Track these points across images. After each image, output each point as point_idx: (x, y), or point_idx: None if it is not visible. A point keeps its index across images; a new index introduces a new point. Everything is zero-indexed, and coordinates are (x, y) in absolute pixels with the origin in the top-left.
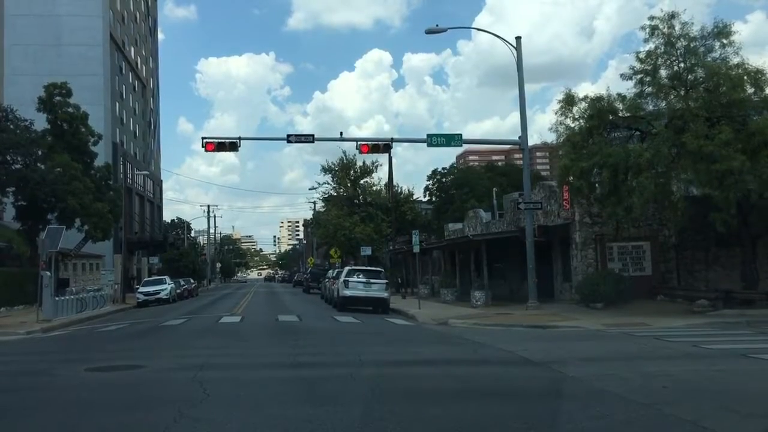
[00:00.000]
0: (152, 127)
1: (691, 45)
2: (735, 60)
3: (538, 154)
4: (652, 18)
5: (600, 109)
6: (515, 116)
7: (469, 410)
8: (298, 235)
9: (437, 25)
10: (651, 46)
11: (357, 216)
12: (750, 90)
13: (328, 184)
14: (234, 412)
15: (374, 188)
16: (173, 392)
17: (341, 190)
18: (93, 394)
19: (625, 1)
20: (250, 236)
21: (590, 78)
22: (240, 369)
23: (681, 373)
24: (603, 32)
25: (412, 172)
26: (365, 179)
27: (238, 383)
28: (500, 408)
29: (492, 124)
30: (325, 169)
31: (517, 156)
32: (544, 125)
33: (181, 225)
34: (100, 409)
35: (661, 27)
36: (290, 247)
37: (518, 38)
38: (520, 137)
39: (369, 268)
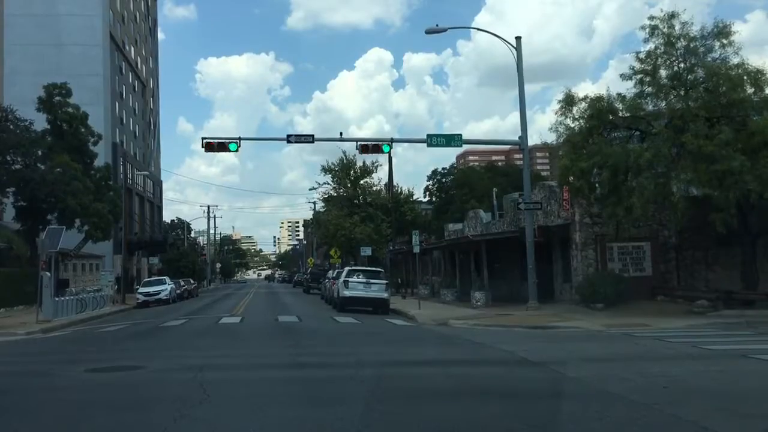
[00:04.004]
0: (152, 127)
1: (691, 45)
2: (735, 60)
3: (538, 154)
4: (652, 18)
5: (600, 109)
6: (515, 116)
7: (469, 410)
8: (298, 235)
9: (437, 25)
10: (651, 46)
11: (357, 216)
12: (750, 90)
13: (328, 184)
14: (234, 412)
15: (374, 188)
16: (173, 393)
17: (341, 191)
18: (93, 395)
19: (625, 0)
20: (250, 236)
21: (590, 78)
22: (240, 370)
23: (681, 374)
24: (603, 32)
25: (412, 172)
26: (365, 179)
27: (238, 384)
28: (500, 408)
29: (492, 124)
30: (325, 170)
31: (517, 156)
32: (544, 125)
33: (181, 225)
34: (100, 409)
35: (661, 27)
36: (290, 247)
37: (518, 38)
38: (520, 137)
39: (369, 268)
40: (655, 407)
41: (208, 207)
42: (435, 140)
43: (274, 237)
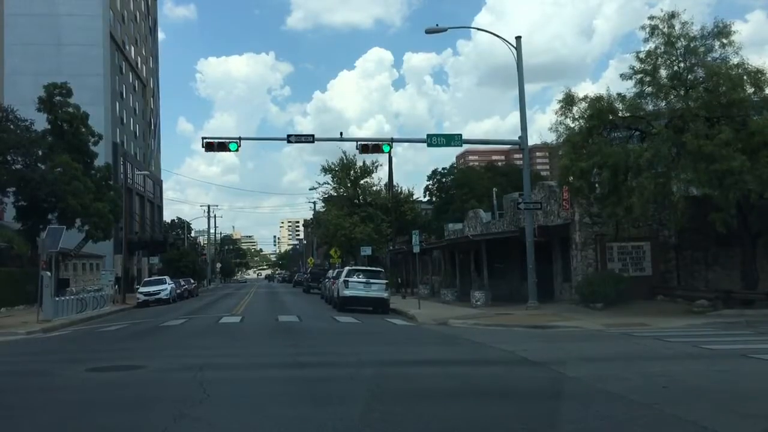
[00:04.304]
0: (152, 127)
1: (691, 45)
2: (735, 60)
3: (537, 154)
4: (652, 18)
5: (600, 109)
6: (515, 116)
7: (469, 410)
8: (298, 235)
9: (437, 25)
10: (651, 45)
11: (357, 216)
12: (750, 90)
13: (328, 184)
14: (234, 412)
15: (374, 188)
16: (173, 392)
17: (341, 191)
18: (93, 394)
19: (625, 0)
20: (250, 236)
21: (590, 78)
22: (240, 369)
23: (681, 374)
24: (603, 32)
25: (412, 172)
26: (365, 179)
27: (238, 383)
28: (500, 408)
29: (492, 124)
30: (326, 170)
31: (517, 156)
32: (543, 125)
33: (181, 225)
34: (100, 409)
35: (661, 27)
36: (290, 247)
37: (518, 38)
38: (520, 137)
39: (369, 268)
40: (655, 407)
41: (209, 207)
42: (435, 140)
43: (275, 237)
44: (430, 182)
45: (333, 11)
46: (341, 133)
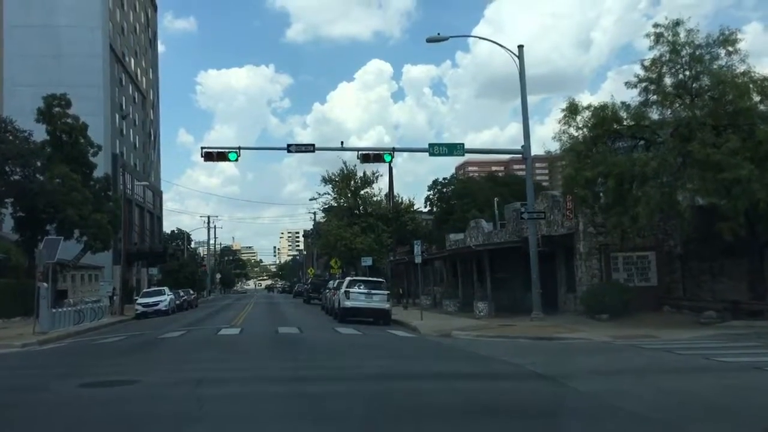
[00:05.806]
0: (152, 138)
1: (697, 53)
2: (741, 68)
3: (537, 164)
4: (656, 25)
5: (604, 117)
6: (514, 127)
7: (477, 428)
8: (298, 245)
9: (438, 34)
10: (656, 53)
11: (357, 226)
12: (756, 98)
13: (329, 194)
14: (232, 429)
15: (375, 199)
16: (170, 409)
17: (342, 201)
18: (87, 411)
19: (623, 12)
20: (250, 247)
21: (588, 89)
22: (239, 384)
23: (696, 388)
24: (601, 44)
25: (413, 182)
26: (366, 190)
27: (237, 399)
28: (509, 426)
29: (491, 135)
30: (326, 180)
31: (516, 167)
32: (542, 136)
33: (181, 236)
34: (92, 427)
35: (666, 34)
36: (290, 257)
37: (521, 47)
38: (522, 146)
39: (370, 278)
40: (672, 424)
41: (209, 217)
42: (437, 149)
43: (275, 247)
44: (431, 192)
45: (332, 23)
46: (342, 143)
